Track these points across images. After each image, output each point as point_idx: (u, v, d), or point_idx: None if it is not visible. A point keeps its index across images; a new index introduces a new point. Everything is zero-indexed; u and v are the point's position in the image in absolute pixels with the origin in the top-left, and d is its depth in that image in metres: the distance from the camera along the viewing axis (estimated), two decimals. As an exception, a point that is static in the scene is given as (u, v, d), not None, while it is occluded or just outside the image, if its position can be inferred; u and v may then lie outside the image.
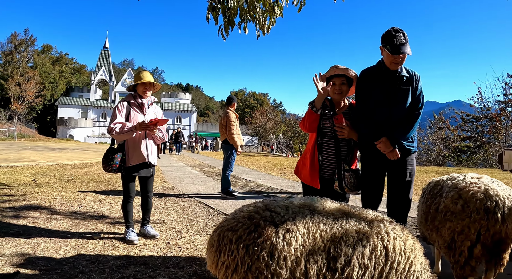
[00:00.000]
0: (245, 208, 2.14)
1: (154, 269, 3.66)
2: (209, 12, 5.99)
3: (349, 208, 2.25)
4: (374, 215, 2.22)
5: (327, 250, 1.93)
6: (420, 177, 12.26)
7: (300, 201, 2.21)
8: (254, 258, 1.87)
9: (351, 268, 1.92)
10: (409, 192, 3.57)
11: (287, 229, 1.93)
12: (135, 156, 4.54)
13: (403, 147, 3.46)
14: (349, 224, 2.05)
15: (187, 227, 5.30)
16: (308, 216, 2.04)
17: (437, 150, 24.51)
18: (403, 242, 2.09)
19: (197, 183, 10.28)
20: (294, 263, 1.87)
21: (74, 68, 76.56)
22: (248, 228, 1.96)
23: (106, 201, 7.03)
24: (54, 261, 3.79)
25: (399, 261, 2.04)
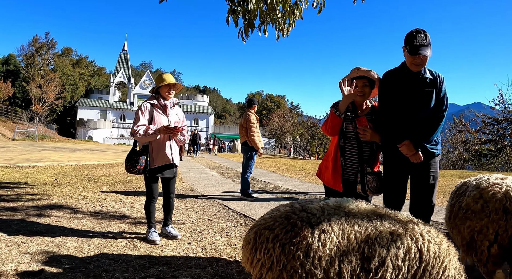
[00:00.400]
0: (282, 208, 2.16)
1: (177, 269, 3.68)
2: (229, 15, 6.03)
3: (384, 210, 2.25)
4: (408, 218, 2.22)
5: (361, 251, 1.94)
6: (439, 180, 12.09)
7: (335, 203, 2.21)
8: (289, 257, 1.89)
9: (384, 269, 1.92)
10: (432, 196, 3.52)
11: (322, 230, 1.95)
12: (160, 157, 4.57)
13: (426, 150, 3.42)
14: (383, 226, 2.05)
15: (208, 228, 5.33)
16: (343, 218, 2.05)
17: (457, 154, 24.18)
18: (438, 245, 2.07)
19: (216, 184, 10.32)
20: (328, 263, 1.89)
21: (94, 70, 77.79)
22: (285, 227, 1.98)
23: (127, 202, 7.11)
24: (78, 260, 3.84)
25: (433, 265, 2.02)
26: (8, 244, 4.25)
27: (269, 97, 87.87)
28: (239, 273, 3.62)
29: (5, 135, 37.95)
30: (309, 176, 12.74)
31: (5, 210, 5.93)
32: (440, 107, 3.46)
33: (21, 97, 56.92)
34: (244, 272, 3.63)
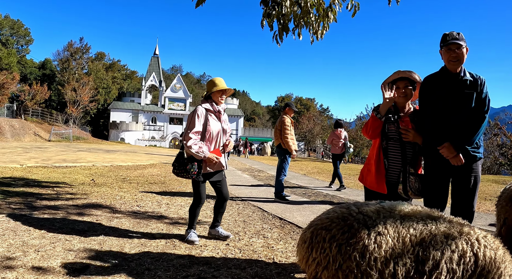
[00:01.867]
0: (338, 209, 2.20)
1: (217, 269, 3.72)
2: (264, 19, 6.06)
3: (439, 213, 2.24)
4: (464, 222, 2.20)
5: (416, 254, 1.94)
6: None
7: (390, 206, 2.23)
8: (345, 257, 1.93)
9: (439, 272, 1.91)
10: (473, 200, 3.44)
11: (378, 232, 1.98)
12: (213, 163, 4.57)
13: (467, 152, 3.36)
14: (438, 229, 2.05)
15: (244, 230, 5.37)
16: (399, 221, 2.06)
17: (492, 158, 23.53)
18: (494, 251, 2.05)
19: (249, 187, 10.37)
20: (383, 264, 1.90)
21: (126, 74, 79.40)
22: (341, 228, 2.03)
23: (163, 202, 7.23)
24: (120, 258, 3.93)
25: (488, 270, 1.99)
26: (52, 241, 4.39)
27: (298, 100, 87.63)
28: (279, 275, 3.62)
29: (42, 136, 39.20)
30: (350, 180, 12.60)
31: (47, 208, 6.13)
32: (481, 109, 3.40)
33: (56, 100, 58.69)
34: (283, 274, 3.66)
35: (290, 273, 3.70)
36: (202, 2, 5.41)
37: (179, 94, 66.73)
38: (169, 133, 64.11)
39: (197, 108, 4.55)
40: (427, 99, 3.52)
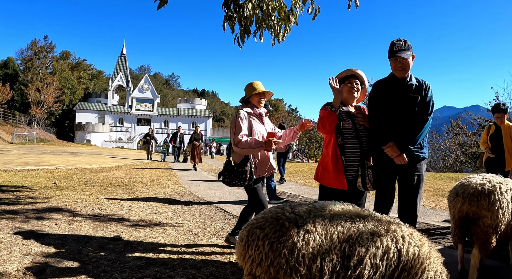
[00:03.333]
0: (273, 209, 2.34)
1: (173, 270, 3.80)
2: (226, 21, 6.15)
3: (368, 213, 2.39)
4: (393, 220, 2.36)
5: (343, 250, 2.08)
6: (435, 183, 12.27)
7: (322, 205, 2.38)
8: (276, 254, 2.06)
9: (363, 267, 2.06)
10: (416, 197, 3.66)
11: (307, 230, 2.11)
12: (263, 167, 4.42)
13: (411, 152, 3.57)
14: (366, 227, 2.20)
15: (204, 231, 5.46)
16: (328, 219, 2.21)
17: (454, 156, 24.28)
18: (418, 248, 2.19)
19: (213, 188, 10.44)
20: (311, 260, 2.04)
21: (92, 74, 77.90)
22: (274, 227, 2.15)
23: (125, 205, 7.23)
24: (77, 261, 3.96)
25: (411, 265, 2.14)
26: (9, 246, 4.37)
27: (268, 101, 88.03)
28: (233, 274, 3.75)
29: (4, 139, 38.01)
30: (306, 179, 12.85)
31: (5, 213, 6.05)
32: (425, 111, 3.63)
33: (19, 101, 57.00)
34: (238, 273, 3.77)
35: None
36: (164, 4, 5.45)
37: (146, 94, 65.99)
38: (137, 135, 63.29)
39: (238, 112, 4.37)
40: (376, 102, 3.74)
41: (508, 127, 6.47)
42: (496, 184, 3.66)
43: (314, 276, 2.05)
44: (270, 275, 2.08)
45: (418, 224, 6.06)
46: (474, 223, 3.61)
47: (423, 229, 5.74)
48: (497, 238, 3.65)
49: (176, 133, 23.38)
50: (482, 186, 3.61)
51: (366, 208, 2.50)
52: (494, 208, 3.51)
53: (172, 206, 7.28)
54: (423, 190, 10.49)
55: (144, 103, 66.06)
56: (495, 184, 3.65)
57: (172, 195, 8.78)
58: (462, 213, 3.65)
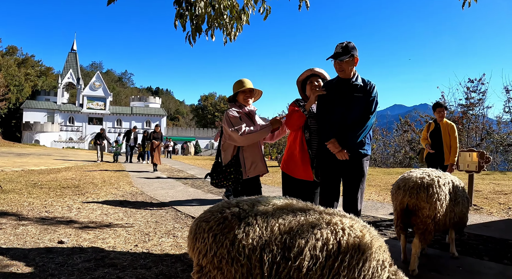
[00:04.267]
0: (220, 204, 2.47)
1: (122, 270, 3.80)
2: (177, 19, 6.13)
3: (312, 206, 2.52)
4: (335, 213, 2.48)
5: (283, 241, 2.20)
6: (385, 178, 12.73)
7: (266, 199, 2.51)
8: (219, 245, 2.19)
9: (302, 258, 2.17)
10: (357, 193, 3.85)
11: (248, 223, 2.24)
12: (253, 168, 4.23)
13: (353, 148, 3.75)
14: (307, 220, 2.33)
15: (155, 230, 5.44)
16: (270, 212, 2.34)
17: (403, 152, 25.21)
18: (358, 239, 2.31)
19: (166, 187, 10.38)
20: (250, 251, 2.16)
21: (41, 70, 74.71)
22: (218, 220, 2.28)
23: (74, 207, 7.07)
24: (23, 265, 3.88)
25: (351, 255, 2.24)
26: (-51, 253, 4.19)
27: (222, 98, 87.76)
28: (183, 271, 3.80)
29: None
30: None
31: None
32: (368, 110, 3.83)
33: (-39, 99, 54.04)
34: (188, 270, 3.81)
35: (194, 269, 3.85)
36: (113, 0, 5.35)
37: (98, 92, 64.23)
38: (88, 134, 61.42)
39: (227, 111, 4.26)
40: (323, 101, 3.89)
41: (446, 125, 6.91)
42: (434, 177, 3.95)
43: (255, 266, 2.16)
44: (214, 265, 2.20)
45: (366, 217, 6.33)
46: (414, 214, 3.89)
47: (370, 221, 5.96)
48: (436, 228, 3.91)
49: (129, 132, 22.45)
50: (422, 179, 3.92)
51: (310, 203, 2.61)
52: (433, 200, 3.79)
53: (123, 207, 7.19)
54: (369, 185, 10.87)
55: (96, 101, 64.28)
56: (433, 178, 3.94)
57: (123, 195, 8.65)
58: (403, 205, 3.94)
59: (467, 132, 21.68)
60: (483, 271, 3.94)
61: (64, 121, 62.51)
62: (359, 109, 3.80)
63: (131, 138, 21.93)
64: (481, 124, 21.23)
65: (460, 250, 4.56)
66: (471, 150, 7.84)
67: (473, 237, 5.20)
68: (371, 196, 8.95)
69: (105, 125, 62.91)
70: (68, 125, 62.49)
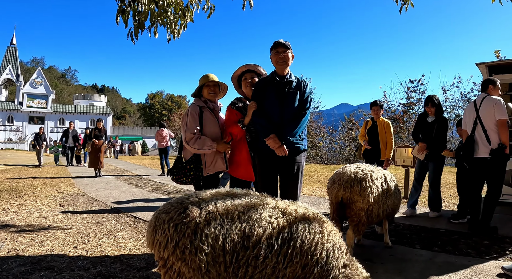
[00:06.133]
0: (180, 196, 2.51)
1: (60, 273, 3.75)
2: (119, 15, 6.01)
3: (267, 197, 2.61)
4: (289, 204, 2.57)
5: (243, 230, 2.26)
6: (329, 174, 13.10)
7: (225, 191, 2.59)
8: (181, 235, 2.19)
9: (260, 246, 2.24)
10: (297, 186, 3.97)
11: (208, 211, 2.27)
12: (213, 164, 4.20)
13: (291, 144, 3.85)
14: (265, 209, 2.40)
15: (95, 231, 5.36)
16: (229, 201, 2.39)
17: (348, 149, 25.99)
18: (308, 224, 2.41)
19: (109, 188, 10.17)
20: (213, 240, 2.19)
21: (-25, 67, 70.55)
22: (178, 210, 2.29)
23: (11, 210, 6.79)
24: (-48, 272, 3.70)
25: (302, 241, 2.33)
26: None
27: (170, 97, 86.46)
28: (122, 271, 3.80)
29: None
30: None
31: None
32: (303, 106, 3.96)
33: None
34: (127, 270, 3.81)
35: (134, 269, 3.89)
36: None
37: (40, 90, 61.38)
38: (29, 134, 58.52)
39: (189, 107, 4.22)
40: (258, 98, 3.96)
41: (383, 122, 7.29)
42: (367, 172, 4.18)
43: (219, 255, 2.19)
44: (177, 256, 2.18)
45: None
46: (349, 207, 4.13)
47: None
48: (369, 220, 4.12)
49: (67, 131, 19.19)
50: (355, 174, 4.15)
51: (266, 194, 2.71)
52: (365, 193, 4.02)
53: (63, 209, 7.00)
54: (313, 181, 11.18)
55: (37, 99, 61.39)
56: (366, 172, 4.17)
57: (64, 197, 8.40)
58: (338, 198, 4.16)
59: (407, 130, 22.68)
60: (414, 259, 4.23)
61: (2, 120, 59.25)
62: (295, 105, 3.92)
63: (69, 137, 18.88)
64: (420, 122, 22.28)
65: (394, 240, 4.83)
66: (407, 146, 8.30)
67: (407, 227, 5.52)
68: (315, 191, 9.20)
69: (47, 125, 60.32)
70: (6, 124, 59.29)
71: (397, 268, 3.90)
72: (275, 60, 3.92)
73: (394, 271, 3.82)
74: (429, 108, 6.40)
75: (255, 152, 4.08)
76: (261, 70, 4.30)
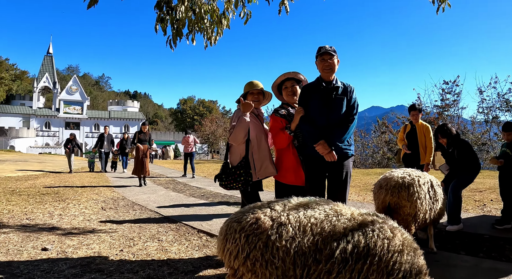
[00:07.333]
0: (252, 205, 2.48)
1: (110, 275, 3.82)
2: (158, 23, 6.15)
3: (342, 207, 2.48)
4: (366, 215, 2.44)
5: (315, 243, 2.18)
6: (364, 179, 12.94)
7: (297, 201, 2.51)
8: (252, 246, 2.17)
9: (333, 261, 2.14)
10: (345, 192, 3.95)
11: (280, 223, 2.23)
12: (263, 169, 4.21)
13: (340, 149, 3.85)
14: (339, 221, 2.30)
15: (139, 235, 5.46)
16: (302, 212, 2.32)
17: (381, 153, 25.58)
18: (388, 240, 2.25)
19: (148, 192, 10.35)
20: (284, 253, 2.14)
21: (15, 74, 73.15)
22: (250, 220, 2.27)
23: (55, 213, 7.00)
24: (8, 274, 3.86)
25: (380, 258, 2.18)
26: None
27: (201, 102, 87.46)
28: (170, 275, 3.84)
29: None
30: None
31: None
32: (351, 112, 3.94)
33: None
34: (175, 273, 3.86)
35: (181, 272, 3.93)
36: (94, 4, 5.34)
37: (75, 96, 63.23)
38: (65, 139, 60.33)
39: (234, 112, 4.30)
40: (305, 104, 3.95)
41: (422, 126, 7.15)
42: (415, 177, 4.12)
43: (289, 269, 2.13)
44: (248, 268, 2.17)
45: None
46: (396, 212, 4.06)
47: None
48: (416, 226, 4.05)
49: (102, 135, 18.10)
50: (403, 179, 4.08)
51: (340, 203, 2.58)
52: (413, 198, 3.95)
53: (105, 212, 7.16)
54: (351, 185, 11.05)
55: (73, 105, 63.27)
56: (414, 178, 4.10)
57: (105, 201, 8.60)
58: (385, 203, 4.12)
59: (442, 133, 22.16)
60: (459, 264, 4.12)
61: (40, 126, 61.34)
62: (342, 111, 3.91)
63: (104, 142, 17.80)
64: (456, 124, 21.67)
65: (438, 245, 4.72)
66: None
67: (450, 233, 5.38)
68: (351, 196, 9.11)
69: (82, 130, 62.04)
70: (44, 130, 61.34)
71: (443, 274, 3.80)
72: (321, 67, 3.92)
73: (440, 277, 3.73)
74: (440, 139, 5.99)
75: (303, 157, 4.08)
76: (301, 77, 4.29)
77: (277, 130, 4.15)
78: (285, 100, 4.34)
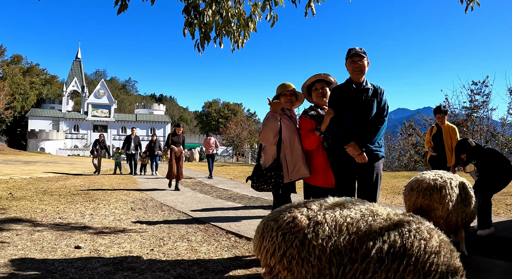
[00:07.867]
0: (288, 204, 2.51)
1: (141, 273, 3.88)
2: (186, 27, 6.24)
3: (378, 207, 2.48)
4: (402, 216, 2.42)
5: (351, 242, 2.18)
6: (391, 182, 12.76)
7: (333, 200, 2.54)
8: (288, 244, 2.19)
9: (369, 260, 2.14)
10: (376, 194, 3.93)
11: (317, 222, 2.25)
12: (295, 171, 4.17)
13: (370, 151, 3.83)
14: (375, 221, 2.29)
15: (169, 235, 5.53)
16: (338, 212, 2.33)
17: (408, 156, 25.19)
18: (425, 241, 2.23)
19: (175, 193, 10.48)
20: (320, 251, 2.16)
21: (45, 79, 75.20)
22: (287, 219, 2.29)
23: (86, 213, 7.16)
24: (43, 270, 3.95)
25: (416, 259, 2.16)
26: (-30, 258, 4.29)
27: (226, 105, 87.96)
28: (201, 274, 3.87)
29: (-50, 149, 36.19)
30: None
31: (-38, 225, 5.87)
32: (381, 113, 3.92)
33: (-34, 108, 54.36)
34: (206, 273, 3.89)
35: (212, 271, 3.96)
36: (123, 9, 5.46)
37: (103, 100, 64.57)
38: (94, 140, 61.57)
39: (267, 114, 4.27)
40: (335, 106, 3.96)
41: (448, 127, 7.03)
42: (447, 179, 4.06)
43: (324, 267, 2.14)
44: (284, 266, 2.19)
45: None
46: (427, 214, 4.00)
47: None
48: (447, 228, 4.00)
49: (129, 137, 17.73)
50: (435, 181, 4.03)
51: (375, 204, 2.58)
52: (445, 201, 3.89)
53: (135, 213, 7.28)
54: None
55: (101, 109, 64.64)
56: (446, 180, 4.04)
57: (134, 201, 8.75)
58: (416, 205, 4.10)
59: (471, 135, 21.64)
60: (491, 269, 4.02)
61: (69, 129, 62.85)
62: (372, 113, 3.90)
63: (131, 145, 17.50)
64: (486, 126, 21.18)
65: (469, 249, 4.63)
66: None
67: (481, 236, 5.27)
68: (379, 199, 9.00)
69: (110, 133, 63.21)
70: (73, 132, 62.82)
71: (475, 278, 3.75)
72: (351, 69, 3.92)
73: (474, 282, 3.68)
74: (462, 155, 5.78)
75: (333, 159, 4.07)
76: (331, 79, 4.28)
77: (307, 131, 4.13)
78: (315, 101, 4.33)
